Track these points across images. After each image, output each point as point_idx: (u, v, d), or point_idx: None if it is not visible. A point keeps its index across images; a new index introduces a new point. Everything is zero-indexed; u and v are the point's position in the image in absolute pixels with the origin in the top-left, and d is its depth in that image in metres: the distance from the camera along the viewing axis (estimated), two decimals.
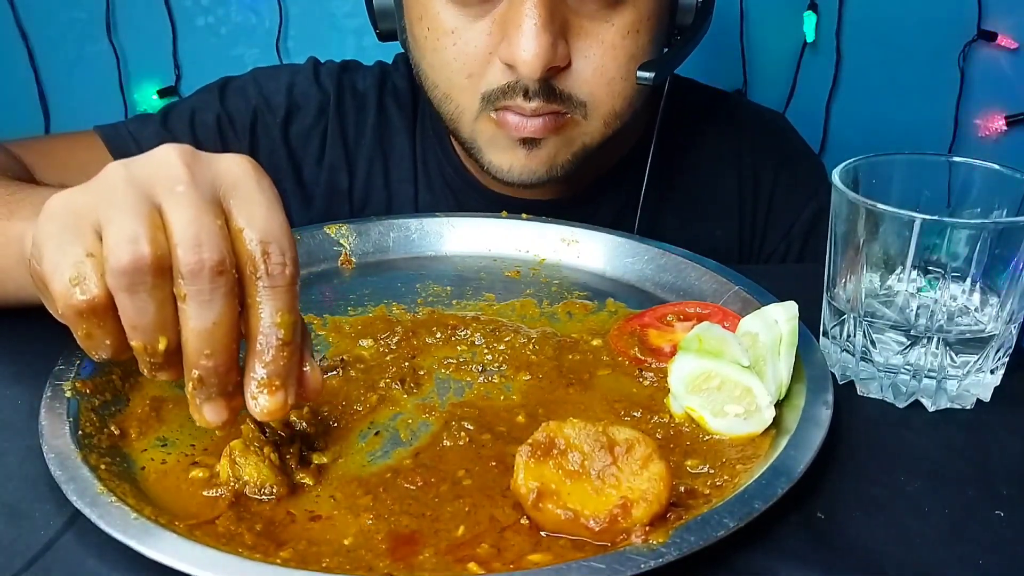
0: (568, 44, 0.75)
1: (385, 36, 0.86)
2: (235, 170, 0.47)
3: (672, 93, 0.94)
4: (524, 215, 0.80)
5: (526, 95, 0.76)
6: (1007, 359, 0.59)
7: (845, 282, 0.60)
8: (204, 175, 0.46)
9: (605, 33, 0.76)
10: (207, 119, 0.92)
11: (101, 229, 0.45)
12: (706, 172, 0.95)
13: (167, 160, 0.46)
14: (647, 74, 0.76)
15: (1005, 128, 1.48)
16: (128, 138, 0.89)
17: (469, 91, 0.79)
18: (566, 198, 0.90)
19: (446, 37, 0.78)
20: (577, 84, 0.77)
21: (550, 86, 0.76)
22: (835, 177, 0.59)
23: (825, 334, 0.63)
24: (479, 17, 0.76)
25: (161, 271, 0.44)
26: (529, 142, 0.79)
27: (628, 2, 0.76)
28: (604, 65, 0.77)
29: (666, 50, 0.82)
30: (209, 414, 0.47)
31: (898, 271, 0.58)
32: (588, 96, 0.78)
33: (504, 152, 0.81)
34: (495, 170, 0.82)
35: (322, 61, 0.99)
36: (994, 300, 0.57)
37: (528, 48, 0.72)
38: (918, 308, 0.58)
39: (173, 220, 0.45)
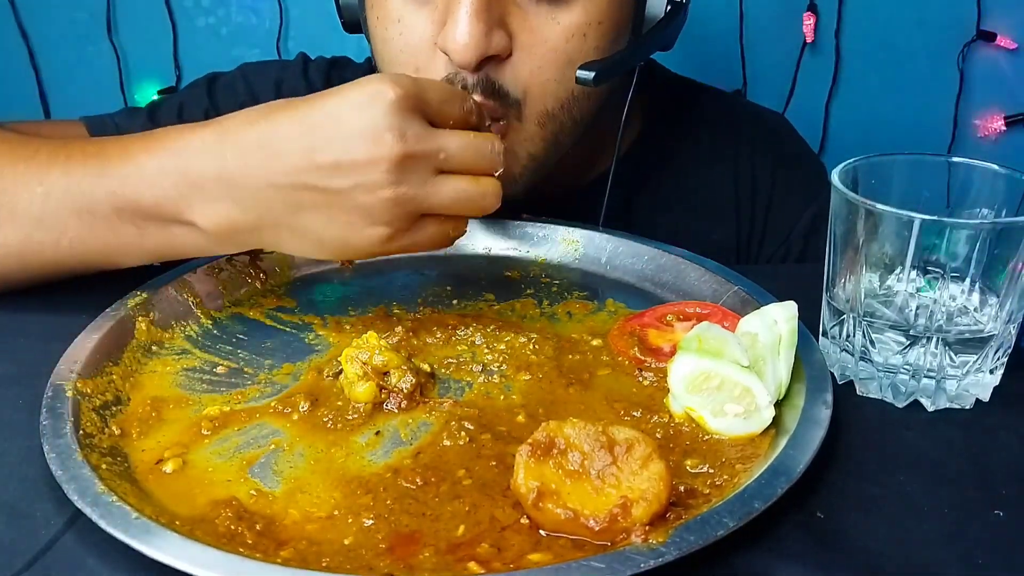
0: (509, 36, 0.73)
1: (350, 27, 0.86)
2: (411, 108, 0.60)
3: (669, 91, 0.94)
4: (524, 215, 0.80)
5: (465, 88, 0.74)
6: (1006, 359, 0.59)
7: (844, 282, 0.60)
8: (417, 131, 0.60)
9: (549, 32, 0.74)
10: (195, 114, 0.92)
11: (430, 212, 0.62)
12: (703, 173, 0.94)
13: (407, 159, 0.59)
14: (587, 74, 0.73)
15: (1004, 128, 1.48)
16: (113, 130, 0.88)
17: None
18: (559, 194, 0.89)
19: (393, 26, 0.76)
20: (514, 79, 0.74)
21: (489, 81, 0.74)
22: (834, 177, 0.59)
23: (824, 334, 0.63)
24: (423, 6, 0.75)
25: None
26: None
27: (576, 3, 0.74)
28: (543, 65, 0.75)
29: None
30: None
31: (897, 271, 0.58)
32: (522, 93, 0.75)
33: None
34: None
35: (312, 58, 0.99)
36: (993, 300, 0.58)
37: (460, 36, 0.71)
38: (917, 308, 0.58)
39: (472, 168, 0.63)
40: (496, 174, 0.64)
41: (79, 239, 0.65)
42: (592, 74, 0.73)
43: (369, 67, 0.98)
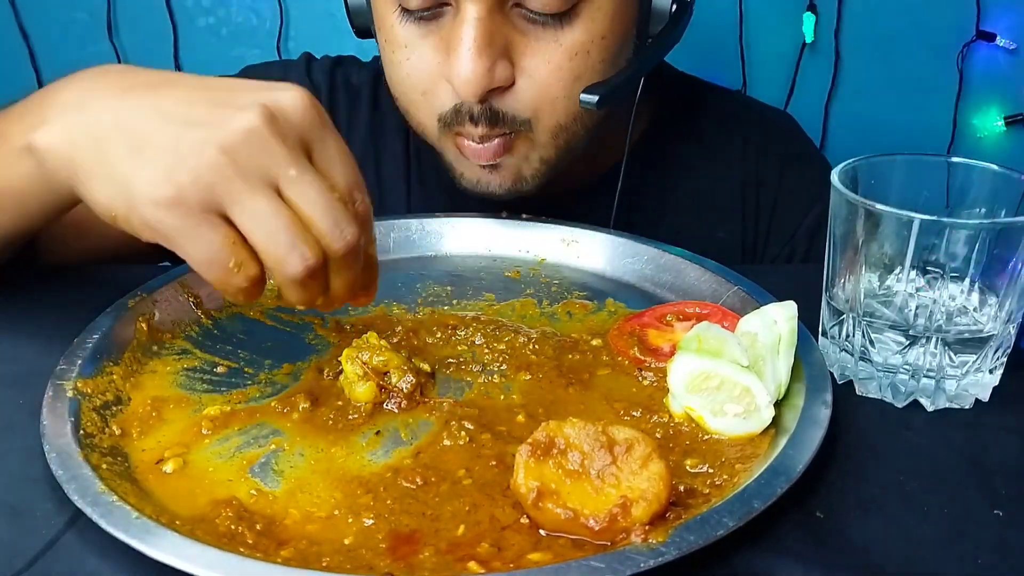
0: (512, 64, 0.74)
1: (361, 33, 0.86)
2: (310, 124, 0.53)
3: (674, 89, 0.93)
4: (524, 215, 0.80)
5: (472, 120, 0.75)
6: (1005, 359, 0.59)
7: (844, 282, 0.60)
8: (293, 138, 0.52)
9: (552, 53, 0.74)
10: None
11: (231, 216, 0.51)
12: (708, 171, 0.94)
13: (261, 139, 0.51)
14: (591, 98, 0.74)
15: (1004, 128, 1.49)
16: None
17: (425, 109, 0.79)
18: (561, 194, 0.89)
19: (400, 51, 0.77)
20: (520, 104, 0.76)
21: (494, 110, 0.75)
22: (834, 177, 0.59)
23: (824, 334, 0.63)
24: (429, 34, 0.75)
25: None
26: (488, 165, 0.79)
27: (578, 22, 0.74)
28: (549, 85, 0.75)
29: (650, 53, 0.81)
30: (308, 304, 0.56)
31: (897, 271, 0.58)
32: (531, 113, 0.76)
33: (469, 168, 0.81)
34: (465, 183, 0.82)
35: (317, 57, 0.99)
36: (993, 300, 0.58)
37: (463, 72, 0.71)
38: (917, 308, 0.58)
39: (310, 213, 0.52)
40: (334, 254, 0.53)
41: None
42: (596, 98, 0.74)
43: (375, 66, 0.98)
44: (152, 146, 0.52)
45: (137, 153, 0.52)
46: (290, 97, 0.53)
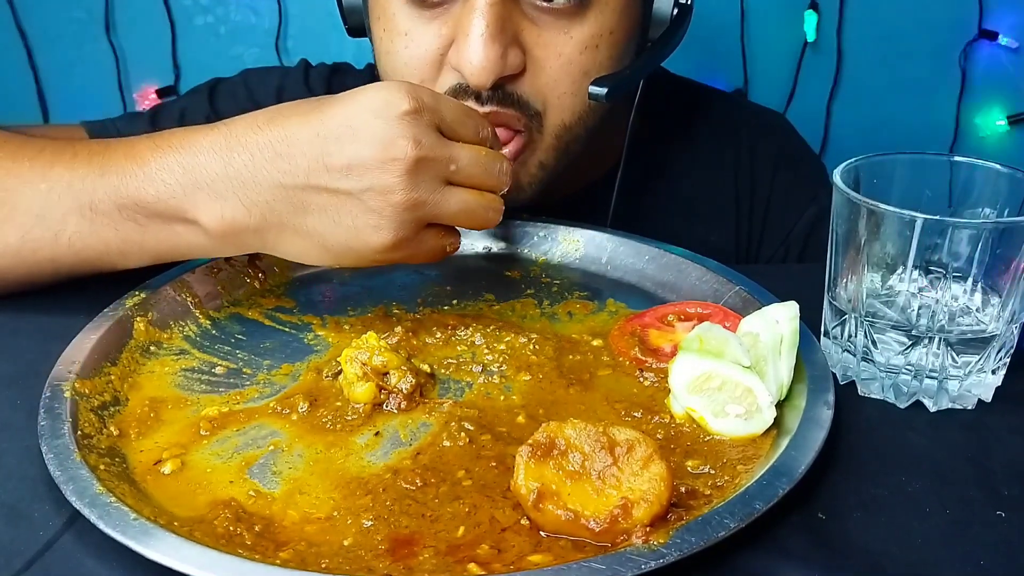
0: (523, 52, 0.73)
1: (355, 32, 0.85)
2: (430, 115, 0.61)
3: (668, 93, 0.93)
4: (524, 215, 0.80)
5: (479, 99, 0.73)
6: (1008, 359, 0.59)
7: (846, 282, 0.60)
8: (435, 141, 0.61)
9: (563, 46, 0.74)
10: (197, 120, 0.91)
11: (436, 221, 0.63)
12: (701, 174, 0.94)
13: (420, 163, 0.60)
14: (599, 90, 0.72)
15: (1006, 127, 1.48)
16: (115, 134, 0.88)
17: None
18: (557, 201, 0.89)
19: (399, 39, 0.76)
20: (531, 91, 0.75)
21: (504, 91, 0.74)
22: (836, 177, 0.59)
23: (826, 334, 0.62)
24: (432, 20, 0.74)
25: None
26: None
27: (589, 15, 0.74)
28: (558, 79, 0.75)
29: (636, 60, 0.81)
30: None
31: (899, 271, 0.57)
32: (541, 106, 0.75)
33: None
34: None
35: (314, 63, 0.99)
36: (995, 300, 0.57)
37: (475, 59, 0.70)
38: (919, 308, 0.58)
39: (479, 181, 0.64)
40: (501, 193, 0.65)
41: (79, 236, 0.65)
42: (604, 90, 0.73)
43: (370, 73, 0.97)
44: (340, 209, 0.60)
45: (334, 224, 0.61)
46: (404, 111, 0.59)
